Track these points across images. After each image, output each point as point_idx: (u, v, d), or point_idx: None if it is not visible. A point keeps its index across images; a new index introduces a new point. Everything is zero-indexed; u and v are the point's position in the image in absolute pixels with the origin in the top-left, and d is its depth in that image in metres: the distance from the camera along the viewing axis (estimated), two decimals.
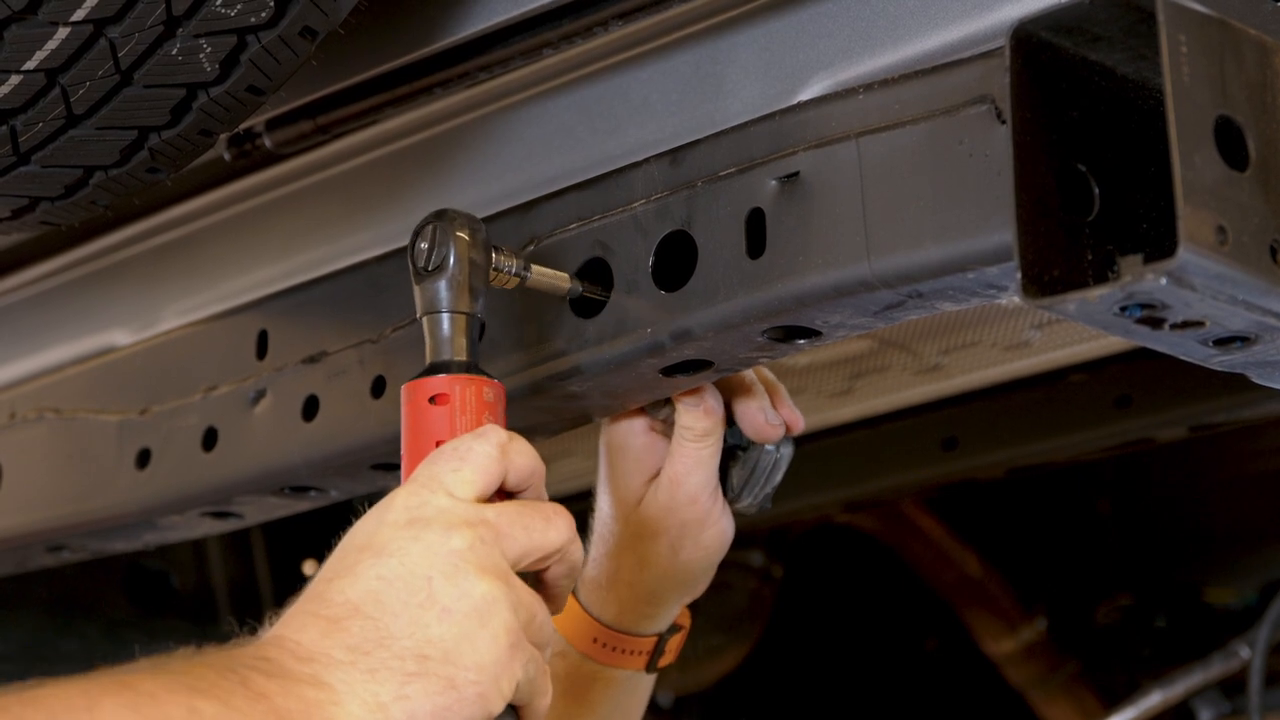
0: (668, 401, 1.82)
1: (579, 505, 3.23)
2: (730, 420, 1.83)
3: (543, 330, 1.70)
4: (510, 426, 1.73)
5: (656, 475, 1.83)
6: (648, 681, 1.92)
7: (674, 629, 1.90)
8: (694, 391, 1.78)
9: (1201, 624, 3.19)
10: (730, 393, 1.83)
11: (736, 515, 1.86)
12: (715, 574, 1.90)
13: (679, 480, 1.81)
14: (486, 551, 1.44)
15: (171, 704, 1.27)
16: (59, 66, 1.48)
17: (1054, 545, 3.36)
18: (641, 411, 1.84)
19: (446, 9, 1.69)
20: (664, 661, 1.91)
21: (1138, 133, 1.39)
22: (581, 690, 1.87)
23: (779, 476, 1.86)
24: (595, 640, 1.86)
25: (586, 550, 1.89)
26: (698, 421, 1.80)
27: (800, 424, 1.86)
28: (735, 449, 1.85)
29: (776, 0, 1.61)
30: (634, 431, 1.84)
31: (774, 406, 1.84)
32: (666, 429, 1.83)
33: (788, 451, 1.86)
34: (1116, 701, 3.00)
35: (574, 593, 1.87)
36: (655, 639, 1.88)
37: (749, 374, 1.83)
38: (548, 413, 1.78)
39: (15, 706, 1.22)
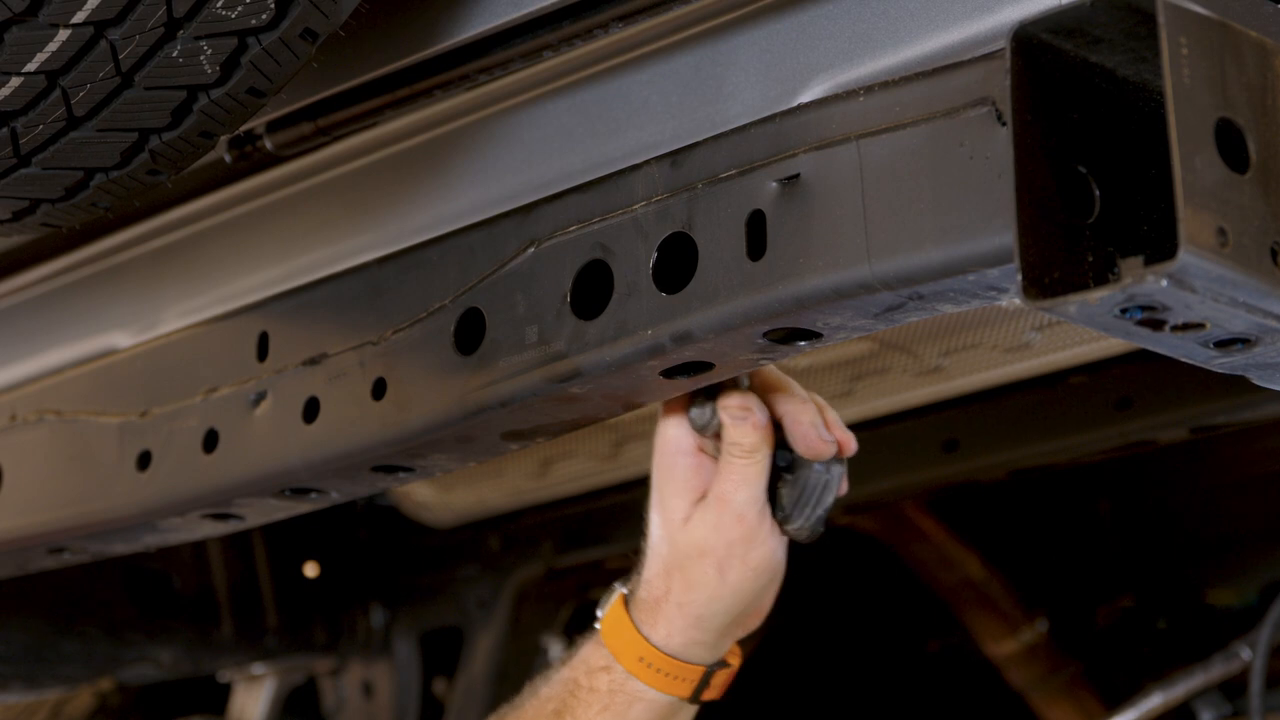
0: (714, 414, 1.82)
1: (580, 507, 3.25)
2: (779, 443, 1.83)
3: (543, 332, 1.70)
4: (512, 429, 1.73)
5: (704, 496, 1.84)
6: (689, 712, 1.92)
7: (722, 664, 1.90)
8: (742, 405, 1.79)
9: (1202, 625, 3.18)
10: (780, 409, 1.83)
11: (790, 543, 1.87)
12: None
13: (726, 497, 1.82)
14: None
15: None
16: (60, 68, 1.48)
17: (1055, 547, 3.36)
18: (689, 431, 1.84)
19: (447, 11, 1.69)
20: (708, 695, 1.90)
21: (1138, 135, 1.39)
22: (622, 709, 1.87)
23: (830, 499, 1.85)
24: (641, 659, 1.86)
25: (639, 570, 1.89)
26: (745, 436, 1.80)
27: (853, 445, 1.86)
28: (784, 471, 1.85)
29: (777, 2, 1.61)
30: (682, 452, 1.85)
31: (826, 426, 1.84)
32: (715, 450, 1.84)
33: (838, 471, 1.85)
34: (1117, 703, 3.00)
35: (626, 609, 1.88)
36: (702, 669, 1.88)
37: (800, 392, 1.83)
38: (549, 415, 1.78)
39: None
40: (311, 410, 1.89)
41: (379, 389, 1.84)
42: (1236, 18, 1.34)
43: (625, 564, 3.22)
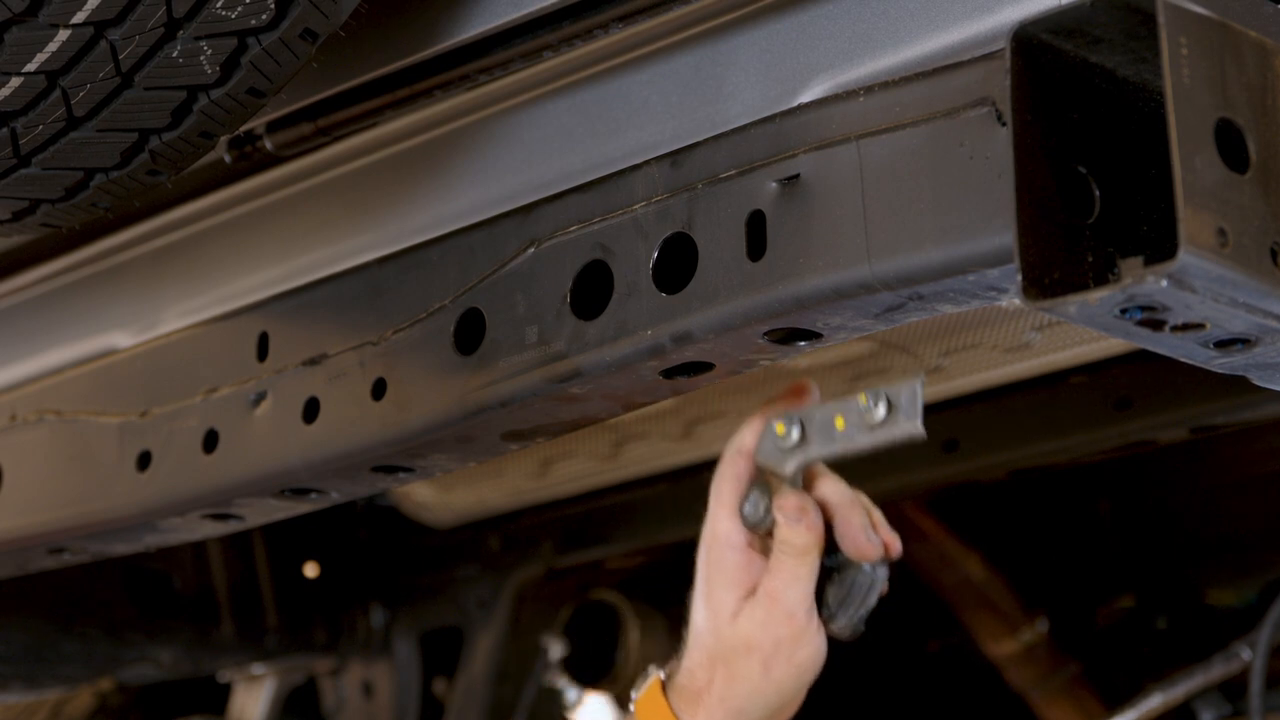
0: (768, 512, 1.83)
1: (580, 507, 3.24)
2: (827, 542, 1.84)
3: (543, 332, 1.70)
4: (512, 429, 1.73)
5: (753, 592, 1.84)
6: None
7: None
8: (798, 507, 1.79)
9: (1202, 625, 3.18)
10: (831, 510, 1.83)
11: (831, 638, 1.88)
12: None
13: (776, 596, 1.82)
14: None
15: None
16: (60, 69, 1.48)
17: (1055, 547, 3.36)
18: (741, 527, 1.85)
19: (447, 11, 1.69)
20: None
21: (1138, 135, 1.39)
22: None
23: (874, 599, 1.87)
24: None
25: (679, 659, 1.89)
26: (799, 537, 1.80)
27: (898, 547, 1.87)
28: (830, 570, 1.86)
29: (777, 2, 1.61)
30: (732, 546, 1.84)
31: (873, 528, 1.85)
32: (765, 546, 1.84)
33: (883, 573, 1.87)
34: (1118, 703, 3.00)
35: (665, 697, 1.88)
36: None
37: (850, 493, 1.85)
38: (549, 414, 1.78)
39: None
40: (311, 410, 1.89)
41: (379, 389, 1.84)
42: (1236, 18, 1.34)
43: (625, 564, 3.24)
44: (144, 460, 2.04)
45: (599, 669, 3.15)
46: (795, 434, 1.85)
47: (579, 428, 1.83)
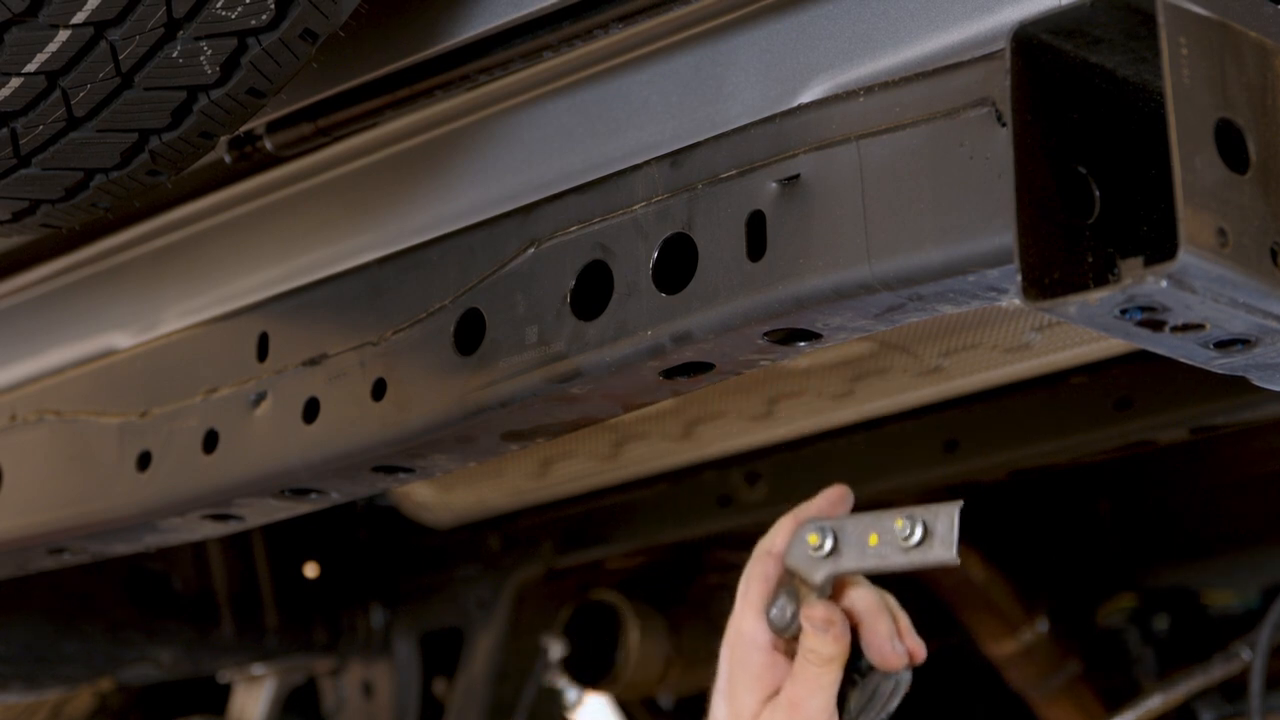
0: (794, 618, 1.82)
1: (580, 507, 3.24)
2: (852, 649, 1.84)
3: (543, 332, 1.70)
4: (512, 429, 1.73)
5: (775, 694, 1.83)
6: None
7: None
8: (826, 618, 1.79)
9: (1202, 626, 3.18)
10: (857, 617, 1.83)
11: None
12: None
13: (799, 703, 1.81)
14: None
15: None
16: (60, 69, 1.48)
17: (1055, 547, 3.36)
18: (766, 628, 1.85)
19: (447, 11, 1.69)
20: None
21: (1138, 135, 1.39)
22: None
23: (895, 704, 1.87)
24: None
25: None
26: (825, 646, 1.80)
27: (922, 654, 1.87)
28: (853, 673, 1.86)
29: (777, 2, 1.61)
30: (757, 647, 1.84)
31: (899, 636, 1.85)
32: (789, 648, 1.84)
33: (906, 678, 1.87)
34: (1118, 703, 3.00)
35: None
36: None
37: (877, 600, 1.85)
38: (549, 415, 1.78)
39: None
40: (311, 410, 1.89)
41: (379, 389, 1.84)
42: (1236, 18, 1.34)
43: (625, 564, 3.24)
44: (144, 460, 2.04)
45: (599, 669, 3.15)
46: (828, 545, 1.86)
47: (579, 428, 1.83)
